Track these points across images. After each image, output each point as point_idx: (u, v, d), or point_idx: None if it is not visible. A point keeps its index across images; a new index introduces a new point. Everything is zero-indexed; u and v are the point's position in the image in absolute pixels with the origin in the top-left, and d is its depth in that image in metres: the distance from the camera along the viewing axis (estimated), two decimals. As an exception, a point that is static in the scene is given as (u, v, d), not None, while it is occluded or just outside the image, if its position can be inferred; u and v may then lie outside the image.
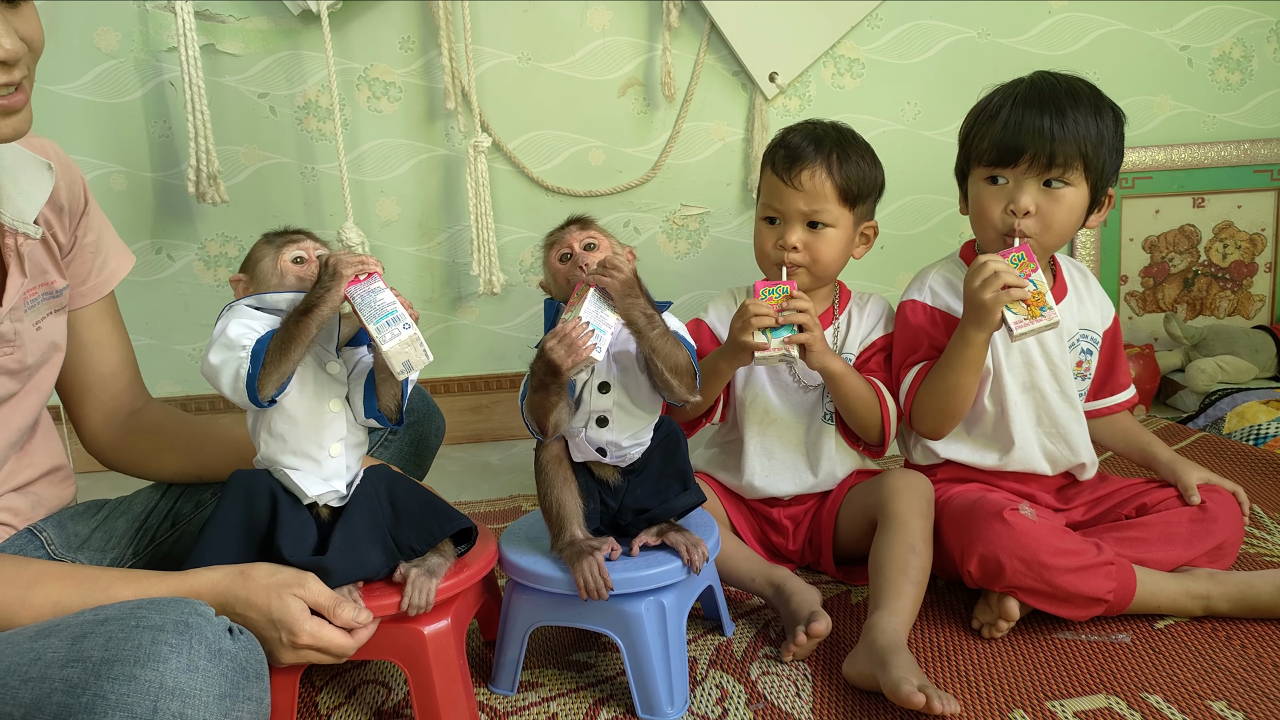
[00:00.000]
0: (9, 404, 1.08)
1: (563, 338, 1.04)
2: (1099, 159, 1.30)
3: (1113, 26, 2.16)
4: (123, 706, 0.81)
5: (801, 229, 1.39)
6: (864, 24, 2.10)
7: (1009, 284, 1.22)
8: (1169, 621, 1.27)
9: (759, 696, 1.16)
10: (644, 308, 1.08)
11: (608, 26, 2.06)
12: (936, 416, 1.36)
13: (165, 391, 2.12)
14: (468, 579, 1.11)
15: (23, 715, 0.83)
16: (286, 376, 1.00)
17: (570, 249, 1.15)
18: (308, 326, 0.99)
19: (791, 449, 1.45)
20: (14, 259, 1.05)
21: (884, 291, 2.21)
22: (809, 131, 1.41)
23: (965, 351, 1.29)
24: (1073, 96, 1.30)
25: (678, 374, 1.10)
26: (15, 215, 1.04)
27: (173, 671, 0.82)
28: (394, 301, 0.98)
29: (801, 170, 1.37)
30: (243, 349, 1.00)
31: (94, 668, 0.82)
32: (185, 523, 1.25)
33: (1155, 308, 2.29)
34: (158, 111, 2.00)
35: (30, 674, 0.84)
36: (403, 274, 2.13)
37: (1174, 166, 2.21)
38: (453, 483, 1.95)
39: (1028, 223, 1.30)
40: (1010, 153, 1.29)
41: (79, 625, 0.87)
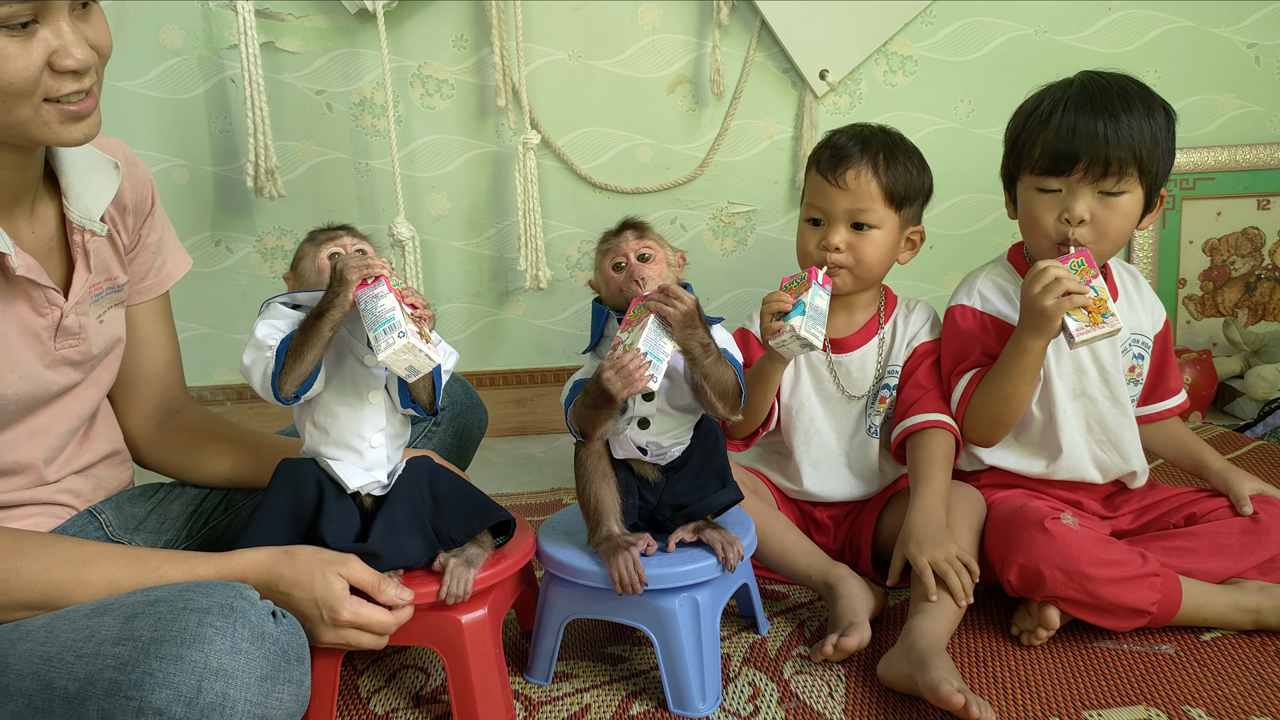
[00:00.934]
0: (72, 394, 1.12)
1: (620, 369, 1.04)
2: (1153, 162, 1.27)
3: (1175, 24, 2.10)
4: (169, 684, 0.84)
5: (845, 229, 1.38)
6: (917, 20, 2.08)
7: (1070, 290, 1.20)
8: (1216, 634, 1.24)
9: (791, 695, 1.16)
10: (702, 338, 1.08)
11: (658, 24, 2.06)
12: (989, 425, 1.34)
13: (222, 379, 2.19)
14: (505, 570, 1.13)
15: (77, 689, 0.87)
16: (305, 376, 1.03)
17: (625, 258, 1.15)
18: (320, 329, 1.02)
19: (836, 459, 1.45)
20: (80, 255, 1.09)
21: (933, 292, 2.19)
22: (855, 133, 1.41)
23: (1022, 359, 1.27)
24: (1125, 99, 1.27)
25: (724, 397, 1.12)
26: (83, 213, 1.08)
27: (217, 653, 0.86)
28: (392, 308, 1.00)
29: (847, 169, 1.36)
30: (269, 349, 1.03)
31: (143, 646, 0.86)
32: (238, 507, 1.29)
33: (1215, 312, 2.23)
34: (219, 107, 2.06)
35: (85, 650, 0.89)
36: (451, 268, 2.17)
37: (1238, 167, 2.15)
38: (496, 474, 1.98)
39: (1083, 231, 1.28)
40: (1064, 161, 1.26)
41: (131, 605, 0.91)
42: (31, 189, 1.05)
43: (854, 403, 1.44)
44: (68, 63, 0.92)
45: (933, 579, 1.19)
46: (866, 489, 1.46)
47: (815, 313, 1.22)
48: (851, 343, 1.45)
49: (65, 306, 1.07)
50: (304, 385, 1.04)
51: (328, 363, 1.07)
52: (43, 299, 1.05)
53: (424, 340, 1.01)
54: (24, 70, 0.91)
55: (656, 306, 1.08)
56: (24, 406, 1.06)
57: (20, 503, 1.09)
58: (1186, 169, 2.15)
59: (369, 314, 1.01)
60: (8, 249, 0.99)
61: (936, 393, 1.39)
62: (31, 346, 1.05)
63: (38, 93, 0.93)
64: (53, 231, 1.09)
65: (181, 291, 2.16)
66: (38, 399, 1.07)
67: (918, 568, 1.21)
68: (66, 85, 0.94)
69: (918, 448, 1.36)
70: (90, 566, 0.98)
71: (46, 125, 0.95)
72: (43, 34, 0.91)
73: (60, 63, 0.92)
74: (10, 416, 1.05)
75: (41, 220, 1.07)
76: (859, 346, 1.45)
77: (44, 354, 1.06)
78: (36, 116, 0.94)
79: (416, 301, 1.04)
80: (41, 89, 0.93)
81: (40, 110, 0.94)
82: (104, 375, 1.17)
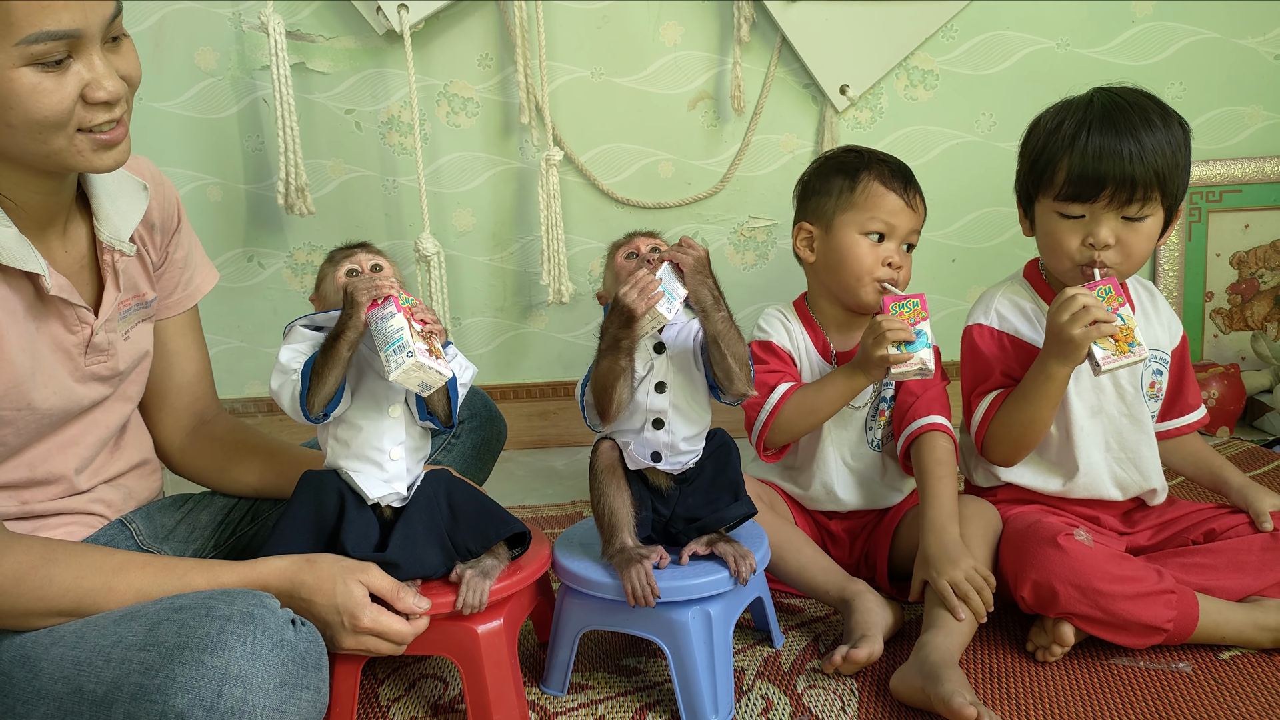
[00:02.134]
0: (101, 407, 1.16)
1: (635, 283, 1.08)
2: (1174, 183, 1.27)
3: (1201, 35, 2.09)
4: (191, 689, 0.87)
5: (900, 250, 1.41)
6: (939, 34, 2.08)
7: (1098, 319, 1.20)
8: (1235, 652, 1.23)
9: (804, 709, 1.17)
10: (712, 288, 1.12)
11: (679, 41, 2.09)
12: (1011, 447, 1.34)
13: (254, 392, 2.24)
14: (520, 581, 1.15)
15: (104, 693, 0.91)
16: (329, 396, 1.06)
17: (637, 250, 1.19)
18: (339, 350, 1.05)
19: (843, 471, 1.46)
20: (110, 274, 1.13)
21: (955, 305, 2.19)
22: (887, 158, 1.44)
23: (1046, 385, 1.27)
24: (1145, 120, 1.25)
25: (740, 364, 1.14)
26: (113, 234, 1.12)
27: (237, 659, 0.89)
28: (400, 328, 1.02)
29: (917, 192, 1.41)
30: (294, 372, 1.07)
31: (167, 652, 0.90)
32: (265, 517, 1.33)
33: (1243, 326, 2.20)
34: (251, 127, 2.11)
35: (112, 655, 0.92)
36: (476, 282, 2.20)
37: (1265, 179, 2.13)
38: (518, 486, 2.00)
39: (1108, 255, 1.27)
40: (1089, 189, 1.25)
41: (156, 612, 0.94)
42: (64, 211, 1.10)
43: (856, 414, 1.45)
44: (100, 95, 0.96)
45: (955, 599, 1.19)
46: (876, 501, 1.46)
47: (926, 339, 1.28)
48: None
49: (95, 324, 1.11)
50: (330, 404, 1.07)
51: (349, 378, 1.10)
52: (74, 317, 1.09)
53: (433, 355, 1.03)
54: (59, 104, 0.94)
55: (670, 254, 1.12)
56: (56, 420, 1.10)
57: (54, 512, 1.13)
58: (1213, 181, 2.14)
59: (379, 335, 1.03)
60: (42, 270, 1.03)
61: (927, 397, 1.40)
62: (63, 363, 1.09)
63: (71, 124, 0.97)
64: (84, 251, 1.13)
65: (214, 306, 2.22)
66: (69, 412, 1.11)
67: (939, 590, 1.21)
68: (99, 116, 0.98)
69: (919, 456, 1.37)
70: (119, 575, 1.01)
71: (80, 154, 0.99)
72: (76, 68, 0.95)
73: (93, 95, 0.96)
74: (43, 429, 1.09)
75: (73, 240, 1.12)
76: None
77: (74, 370, 1.10)
78: (70, 146, 0.98)
79: (426, 317, 1.06)
80: (75, 120, 0.97)
81: (74, 140, 0.98)
82: (131, 389, 1.21)
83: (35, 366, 1.05)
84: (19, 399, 1.03)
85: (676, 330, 1.17)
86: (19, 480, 1.09)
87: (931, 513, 1.28)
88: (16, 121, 0.94)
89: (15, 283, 1.03)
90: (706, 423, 1.20)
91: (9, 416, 1.04)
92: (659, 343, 1.17)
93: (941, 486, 1.31)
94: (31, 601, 0.98)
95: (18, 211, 1.03)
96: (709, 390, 1.18)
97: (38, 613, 0.99)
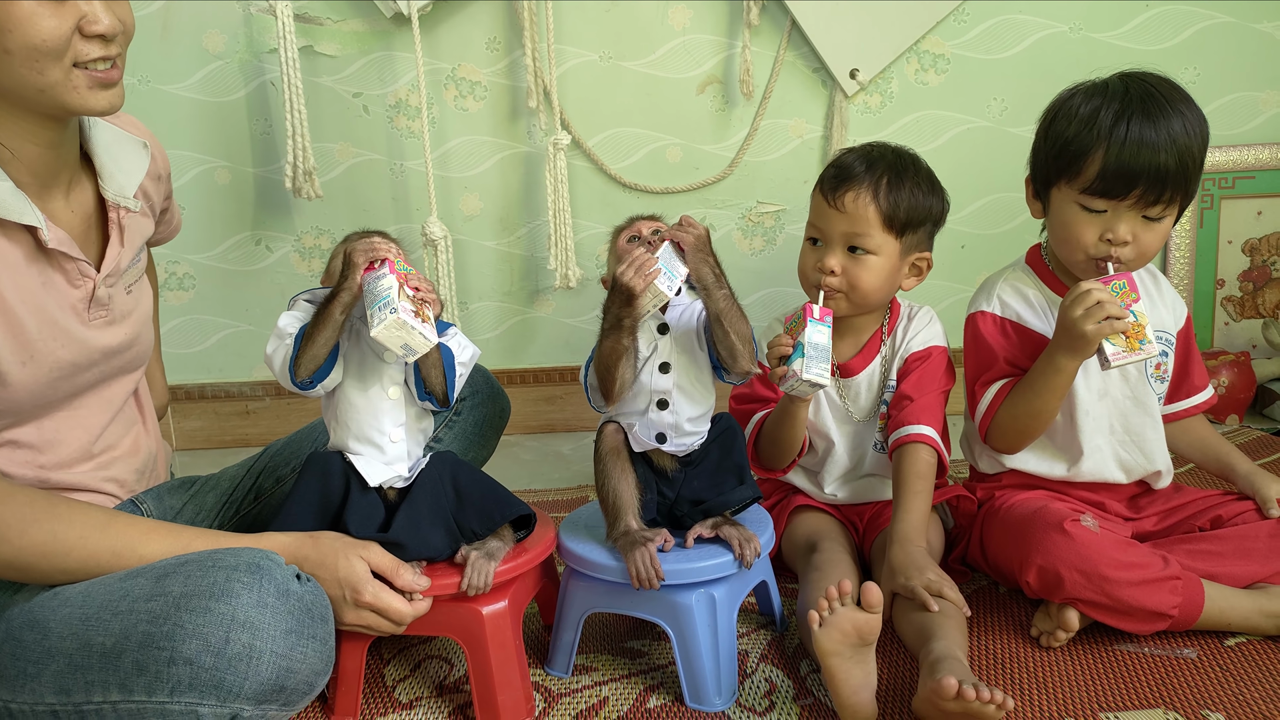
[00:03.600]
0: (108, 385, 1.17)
1: (632, 262, 1.09)
2: (1194, 181, 1.26)
3: (1216, 20, 2.06)
4: (199, 635, 0.89)
5: (841, 253, 1.35)
6: (950, 18, 2.07)
7: (1111, 315, 1.19)
8: (1240, 639, 1.23)
9: (807, 693, 1.17)
10: (714, 266, 1.13)
11: (688, 25, 2.08)
12: (1015, 436, 1.33)
13: (262, 375, 2.24)
14: (525, 563, 1.15)
15: (113, 644, 0.92)
16: (319, 360, 1.07)
17: (639, 233, 1.19)
18: (331, 312, 1.06)
19: (853, 473, 1.46)
20: (116, 230, 1.15)
21: (966, 293, 2.17)
22: (865, 153, 1.38)
23: (1054, 378, 1.26)
24: (1178, 114, 1.23)
25: (744, 341, 1.14)
26: (117, 191, 1.15)
27: (244, 606, 0.90)
28: (390, 287, 1.03)
29: (846, 192, 1.33)
30: (288, 336, 1.08)
31: (174, 600, 0.91)
32: (268, 496, 1.34)
33: (1255, 313, 2.18)
34: (259, 110, 2.11)
35: (120, 608, 0.94)
36: (483, 267, 2.20)
37: (1279, 166, 2.11)
38: (525, 471, 2.01)
39: (1125, 251, 1.26)
40: (1120, 187, 1.23)
41: (162, 566, 0.97)
42: (68, 170, 1.11)
43: (863, 421, 1.45)
44: (96, 28, 0.99)
45: (928, 595, 1.17)
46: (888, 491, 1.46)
47: (815, 350, 1.22)
48: (856, 365, 1.43)
49: (97, 279, 1.12)
50: (320, 373, 1.07)
51: (349, 358, 1.11)
52: (76, 271, 1.10)
53: (419, 319, 1.03)
54: (56, 29, 0.97)
55: (671, 232, 1.13)
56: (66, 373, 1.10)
57: (69, 485, 1.14)
58: (1226, 168, 2.12)
59: (369, 294, 1.04)
60: (39, 222, 1.04)
61: (921, 403, 1.37)
62: (69, 317, 1.10)
63: (68, 55, 0.99)
64: (90, 210, 1.14)
65: (221, 290, 2.23)
66: (79, 365, 1.11)
67: (910, 589, 1.19)
68: (94, 50, 1.00)
69: (900, 465, 1.34)
70: (123, 538, 1.02)
71: (75, 90, 1.01)
72: (74, 2, 0.98)
73: (89, 28, 0.99)
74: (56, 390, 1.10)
75: (77, 200, 1.13)
76: (864, 367, 1.43)
77: (83, 323, 1.12)
78: (66, 80, 0.99)
79: (420, 285, 1.07)
80: (72, 52, 0.99)
81: (70, 75, 1.00)
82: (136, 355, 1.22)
83: (40, 320, 1.06)
84: (21, 351, 1.04)
85: (679, 310, 1.17)
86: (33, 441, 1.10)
87: (902, 526, 1.28)
88: (14, 47, 0.96)
89: (14, 237, 1.04)
90: (711, 403, 1.20)
91: (12, 372, 1.04)
92: (662, 323, 1.17)
93: (916, 502, 1.30)
94: (34, 557, 0.99)
95: (15, 164, 1.04)
96: (713, 370, 1.18)
97: (40, 570, 1.00)
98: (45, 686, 0.95)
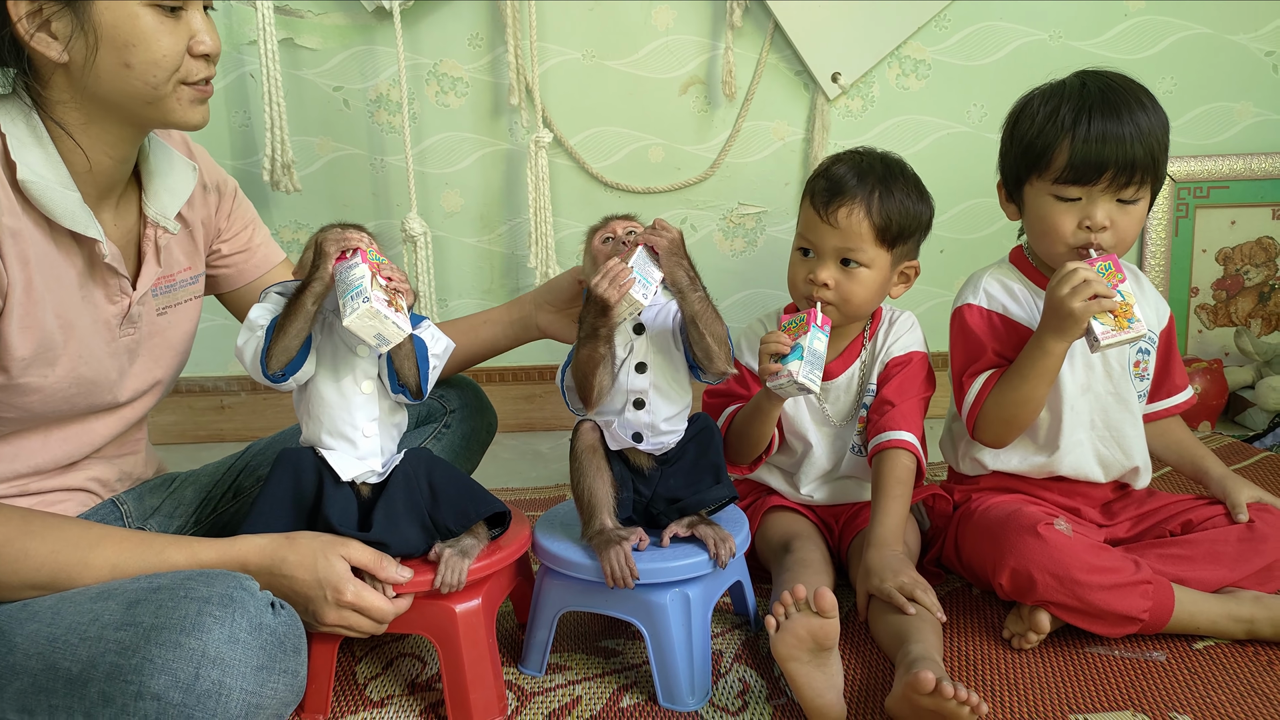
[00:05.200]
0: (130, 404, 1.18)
1: (606, 272, 1.09)
2: (1163, 166, 1.28)
3: (1192, 30, 2.09)
4: (168, 670, 0.87)
5: (834, 266, 1.35)
6: (931, 24, 2.08)
7: (1098, 293, 1.20)
8: (1208, 643, 1.24)
9: (780, 693, 1.17)
10: (688, 269, 1.13)
11: (671, 25, 2.08)
12: (1004, 427, 1.33)
13: (236, 370, 2.22)
14: (499, 561, 1.15)
15: (79, 671, 0.90)
16: (291, 352, 1.06)
17: (614, 233, 1.19)
18: (303, 302, 1.05)
19: (830, 474, 1.46)
20: (151, 249, 1.15)
21: (944, 295, 2.19)
22: (854, 163, 1.37)
23: (1042, 361, 1.26)
24: (1139, 103, 1.26)
25: (719, 343, 1.14)
26: (159, 211, 1.14)
27: (215, 642, 0.88)
28: (362, 277, 1.02)
29: (839, 207, 1.33)
30: (259, 328, 1.07)
31: (144, 633, 0.89)
32: (246, 494, 1.33)
33: (1227, 321, 2.21)
34: (238, 102, 2.10)
35: (88, 633, 0.91)
36: (463, 264, 2.19)
37: (1253, 176, 2.14)
38: (503, 469, 2.00)
39: (1104, 237, 1.27)
40: (1091, 171, 1.25)
41: (134, 591, 0.94)
42: (123, 183, 1.12)
43: (841, 424, 1.45)
44: (202, 48, 1.03)
45: (903, 599, 1.18)
46: (863, 494, 1.47)
47: (814, 357, 1.23)
48: (835, 368, 1.44)
49: (134, 297, 1.12)
50: (292, 366, 1.06)
51: (321, 351, 1.10)
52: (117, 288, 1.10)
53: (394, 309, 1.02)
54: (174, 46, 1.01)
55: (644, 237, 1.13)
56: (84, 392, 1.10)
57: (51, 488, 1.13)
58: (1200, 177, 2.14)
59: (341, 284, 1.03)
60: (100, 236, 1.05)
61: (902, 408, 1.38)
62: (101, 333, 1.10)
63: (179, 72, 1.02)
64: (131, 225, 1.14)
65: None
66: (98, 385, 1.11)
67: (886, 593, 1.20)
68: (199, 69, 1.04)
69: (880, 470, 1.35)
70: (96, 549, 1.00)
71: (180, 103, 1.04)
72: (186, 18, 1.02)
73: (197, 48, 1.03)
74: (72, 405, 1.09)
75: (124, 214, 1.13)
76: (844, 370, 1.44)
77: (110, 340, 1.12)
78: (174, 94, 1.03)
79: (393, 274, 1.06)
80: (182, 69, 1.03)
81: (177, 89, 1.04)
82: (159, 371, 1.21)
83: (67, 334, 1.06)
84: (45, 364, 1.04)
85: (656, 311, 1.18)
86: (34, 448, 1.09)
87: (880, 529, 1.28)
88: (136, 62, 1.00)
89: (66, 247, 1.05)
90: (687, 403, 1.20)
91: (35, 383, 1.04)
92: (639, 324, 1.17)
93: (894, 506, 1.31)
94: (5, 574, 0.97)
95: (87, 177, 1.06)
96: (689, 370, 1.18)
97: (11, 586, 0.98)
98: (7, 703, 0.93)
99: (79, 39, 0.98)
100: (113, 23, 0.98)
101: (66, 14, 0.97)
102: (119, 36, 0.98)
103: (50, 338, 1.03)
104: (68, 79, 1.01)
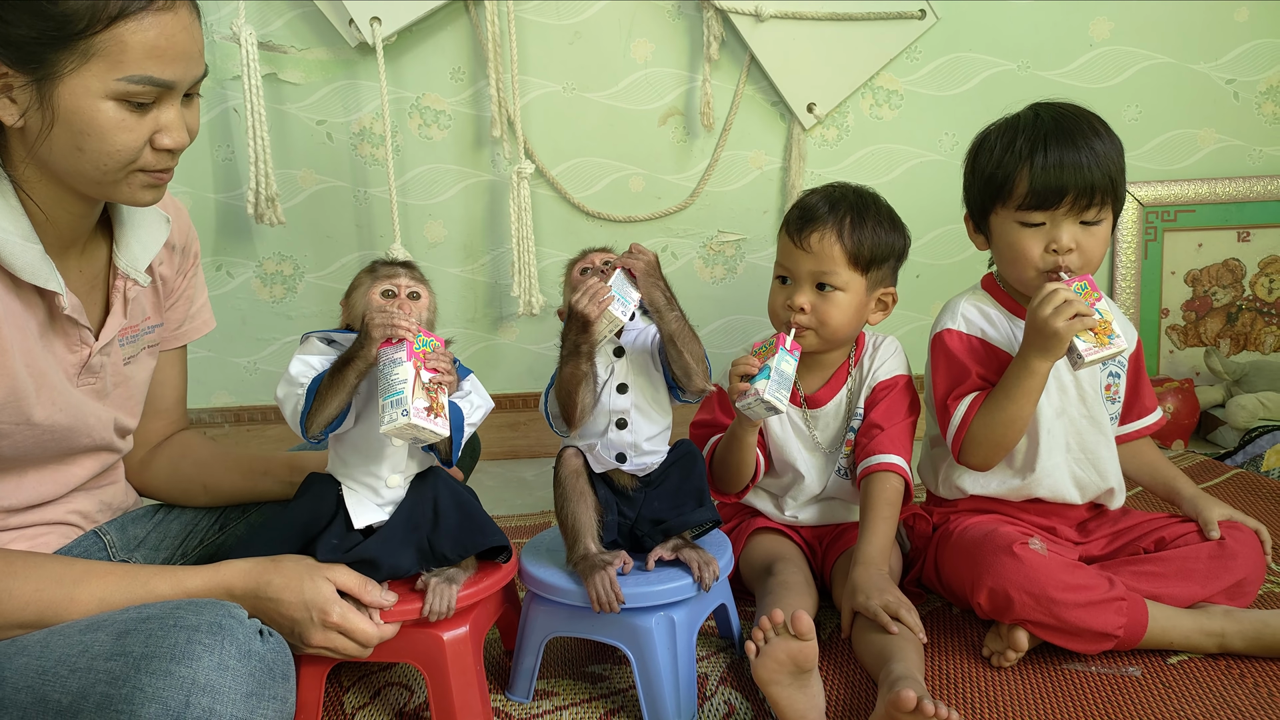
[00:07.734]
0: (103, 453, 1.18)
1: (585, 290, 1.12)
2: (1122, 187, 1.33)
3: (1155, 60, 2.15)
4: (158, 699, 0.87)
5: (810, 291, 1.39)
6: (903, 56, 2.13)
7: (1079, 312, 1.23)
8: (1182, 657, 1.27)
9: (765, 715, 1.19)
10: (664, 290, 1.17)
11: (650, 58, 2.12)
12: (990, 448, 1.35)
13: (221, 402, 2.23)
14: (487, 589, 1.16)
15: (70, 702, 0.90)
16: (331, 419, 1.07)
17: (592, 264, 1.23)
18: (346, 377, 1.06)
19: (817, 498, 1.49)
20: (119, 300, 1.15)
21: (920, 320, 2.23)
22: (827, 194, 1.42)
23: (1027, 381, 1.29)
24: (1091, 128, 1.31)
25: (697, 359, 1.18)
26: (130, 263, 1.14)
27: (205, 669, 0.89)
28: (404, 380, 1.02)
29: (811, 232, 1.38)
30: (300, 386, 1.08)
31: (134, 662, 0.89)
32: (234, 525, 1.33)
33: (1197, 342, 2.26)
34: (222, 136, 2.12)
35: (78, 665, 0.92)
36: (447, 294, 2.21)
37: (1218, 200, 2.19)
38: (488, 496, 2.00)
39: (1071, 258, 1.31)
40: (1052, 196, 1.29)
41: (123, 622, 0.94)
42: (86, 234, 1.12)
43: (829, 450, 1.48)
44: (167, 142, 1.01)
45: (888, 617, 1.20)
46: (848, 515, 1.49)
47: (780, 377, 1.26)
48: (823, 396, 1.47)
49: (95, 347, 1.12)
50: (330, 427, 1.08)
51: (356, 401, 1.11)
52: (77, 337, 1.10)
53: (432, 414, 1.02)
54: (133, 142, 0.99)
55: (622, 260, 1.17)
56: (59, 436, 1.10)
57: (32, 523, 1.13)
58: (1168, 201, 2.20)
59: (383, 379, 1.04)
60: (60, 289, 1.04)
61: (891, 432, 1.41)
62: (61, 382, 1.10)
63: (136, 163, 1.01)
64: (98, 272, 1.14)
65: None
66: (74, 430, 1.11)
67: (871, 611, 1.22)
68: (159, 161, 1.02)
69: (868, 491, 1.37)
70: (81, 585, 1.01)
71: (129, 188, 1.03)
72: (154, 113, 1.00)
73: (161, 141, 1.01)
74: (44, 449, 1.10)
75: (90, 260, 1.13)
76: (831, 398, 1.47)
77: (70, 389, 1.11)
78: (125, 180, 1.02)
79: (439, 365, 1.06)
80: (139, 161, 1.01)
81: (130, 176, 1.02)
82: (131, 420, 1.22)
83: (39, 382, 1.05)
84: (17, 413, 1.04)
85: (634, 334, 1.21)
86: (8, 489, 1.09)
87: (866, 549, 1.31)
88: (89, 149, 0.98)
89: (28, 298, 1.04)
90: (668, 423, 1.23)
91: (7, 429, 1.04)
92: (618, 347, 1.20)
93: (882, 526, 1.34)
94: None
95: (47, 227, 1.05)
96: (669, 390, 1.20)
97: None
98: None
99: (35, 113, 0.96)
100: (72, 109, 0.95)
101: (30, 88, 0.95)
102: (75, 123, 0.96)
103: (22, 386, 1.03)
104: (22, 141, 0.99)
